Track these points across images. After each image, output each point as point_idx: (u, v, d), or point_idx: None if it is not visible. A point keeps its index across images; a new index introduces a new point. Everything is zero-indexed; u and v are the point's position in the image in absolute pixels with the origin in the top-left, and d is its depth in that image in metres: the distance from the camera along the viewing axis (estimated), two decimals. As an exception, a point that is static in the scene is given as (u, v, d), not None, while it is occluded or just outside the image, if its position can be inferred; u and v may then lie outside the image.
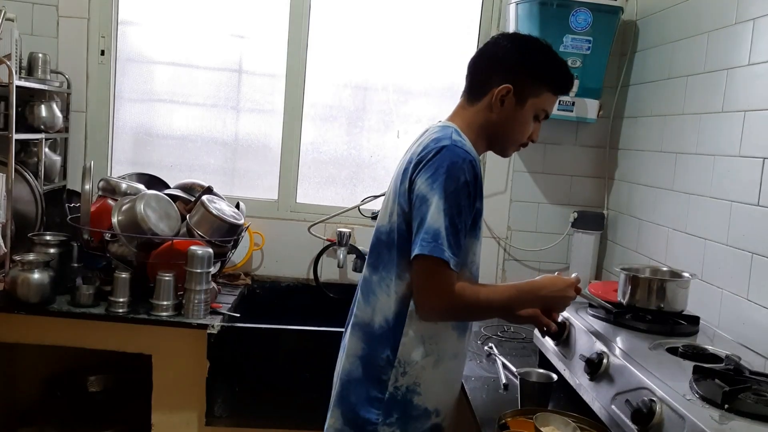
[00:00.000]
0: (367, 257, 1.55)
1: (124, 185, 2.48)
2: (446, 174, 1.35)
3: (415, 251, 1.34)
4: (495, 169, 2.90)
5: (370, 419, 1.44)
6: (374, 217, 2.85)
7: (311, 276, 2.85)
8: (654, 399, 1.26)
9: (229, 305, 2.41)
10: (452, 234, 1.34)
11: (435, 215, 1.33)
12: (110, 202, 2.41)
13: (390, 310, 1.45)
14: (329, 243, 2.83)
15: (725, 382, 1.28)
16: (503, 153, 1.59)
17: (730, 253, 1.90)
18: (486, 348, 2.11)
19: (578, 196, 2.92)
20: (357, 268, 2.84)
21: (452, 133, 1.43)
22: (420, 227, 1.35)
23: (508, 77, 1.46)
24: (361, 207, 2.84)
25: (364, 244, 2.82)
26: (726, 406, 1.20)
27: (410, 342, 1.44)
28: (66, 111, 2.74)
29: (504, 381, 1.83)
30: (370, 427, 1.44)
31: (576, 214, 2.85)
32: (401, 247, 1.43)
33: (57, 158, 2.69)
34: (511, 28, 2.66)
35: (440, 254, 1.32)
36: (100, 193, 2.50)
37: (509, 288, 1.51)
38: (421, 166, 1.39)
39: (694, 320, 1.78)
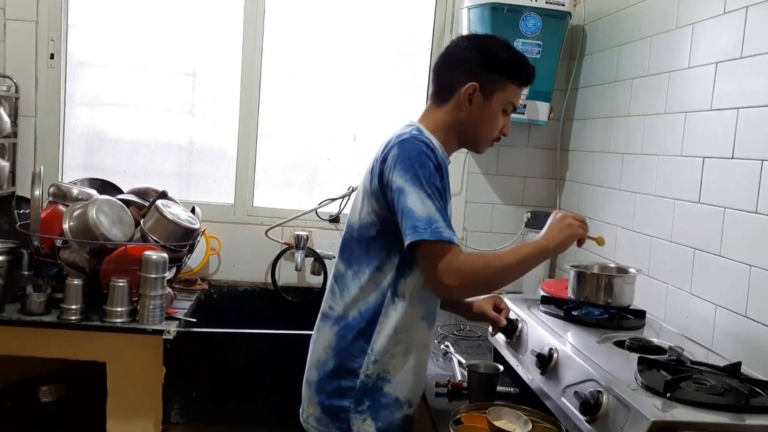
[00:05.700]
0: (339, 252, 1.59)
1: (75, 190, 2.44)
2: (417, 163, 1.41)
3: (411, 239, 1.37)
4: (450, 171, 2.92)
5: (343, 407, 1.49)
6: (332, 219, 2.87)
7: (269, 280, 2.84)
8: (601, 390, 1.31)
9: (186, 311, 2.38)
10: (442, 216, 1.40)
11: (420, 203, 1.38)
12: (61, 207, 2.36)
13: (364, 302, 1.49)
14: (287, 246, 2.83)
15: (668, 372, 1.35)
16: (477, 149, 1.65)
17: (673, 249, 1.97)
18: (442, 347, 2.14)
19: (531, 197, 2.98)
20: (315, 271, 2.84)
21: (413, 130, 1.49)
22: (407, 217, 1.39)
23: (473, 75, 1.51)
24: (318, 210, 2.85)
25: (322, 247, 2.83)
26: (668, 394, 1.25)
27: (383, 331, 1.49)
28: (14, 116, 2.68)
29: (459, 378, 1.86)
30: (344, 414, 1.50)
31: (529, 214, 2.92)
32: (375, 242, 1.49)
33: (5, 164, 2.63)
34: (464, 33, 2.71)
35: (439, 237, 1.37)
36: (50, 198, 2.45)
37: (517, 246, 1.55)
38: (388, 161, 1.44)
39: (641, 314, 1.84)
